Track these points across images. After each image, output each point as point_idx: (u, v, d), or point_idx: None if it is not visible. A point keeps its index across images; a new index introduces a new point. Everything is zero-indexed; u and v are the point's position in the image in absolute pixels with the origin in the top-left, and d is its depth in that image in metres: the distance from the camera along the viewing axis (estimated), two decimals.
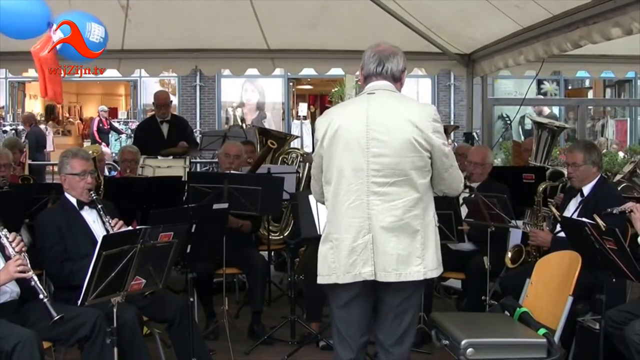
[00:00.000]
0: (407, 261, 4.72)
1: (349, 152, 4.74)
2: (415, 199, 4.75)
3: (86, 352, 5.50)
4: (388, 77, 4.91)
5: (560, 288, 5.74)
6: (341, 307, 4.93)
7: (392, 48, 4.97)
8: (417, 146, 4.71)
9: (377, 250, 4.71)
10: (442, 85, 27.08)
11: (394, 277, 4.73)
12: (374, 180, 4.71)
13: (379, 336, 5.01)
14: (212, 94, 27.23)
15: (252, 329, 7.92)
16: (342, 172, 4.77)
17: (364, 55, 4.98)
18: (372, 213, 4.71)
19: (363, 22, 10.25)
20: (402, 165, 4.71)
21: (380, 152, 4.70)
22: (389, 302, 4.87)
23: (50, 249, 6.16)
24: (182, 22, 10.72)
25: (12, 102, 28.50)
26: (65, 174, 6.36)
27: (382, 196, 4.71)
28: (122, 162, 9.66)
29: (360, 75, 5.06)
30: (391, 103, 4.84)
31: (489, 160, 8.15)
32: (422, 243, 4.77)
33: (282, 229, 9.36)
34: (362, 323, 4.94)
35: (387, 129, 4.72)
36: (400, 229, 4.72)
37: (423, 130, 4.72)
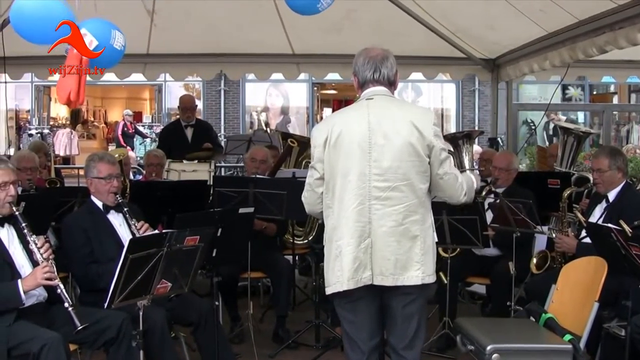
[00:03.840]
0: (405, 266, 4.74)
1: (351, 157, 4.76)
2: (415, 204, 4.77)
3: (112, 354, 5.53)
4: (384, 83, 4.94)
5: (586, 294, 5.71)
6: (344, 309, 4.97)
7: (383, 52, 4.99)
8: (419, 150, 4.74)
9: (375, 254, 4.73)
10: (467, 90, 26.95)
11: (390, 281, 4.75)
12: (376, 185, 4.72)
13: (391, 340, 5.05)
14: (236, 99, 27.24)
15: (277, 333, 7.95)
16: (346, 177, 4.78)
17: (356, 62, 5.00)
18: (372, 217, 4.73)
19: (388, 26, 10.25)
20: (403, 170, 4.73)
21: (382, 156, 4.73)
22: (394, 306, 4.91)
23: (77, 251, 6.20)
24: (207, 27, 10.76)
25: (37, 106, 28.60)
26: (92, 177, 6.40)
27: (383, 201, 4.72)
28: (148, 166, 9.70)
29: (355, 82, 5.06)
30: (391, 108, 4.87)
31: (514, 166, 8.13)
32: (421, 248, 4.78)
33: (307, 233, 9.37)
34: (370, 326, 4.96)
35: (389, 134, 4.74)
36: (401, 234, 4.74)
37: (424, 134, 4.75)
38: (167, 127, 13.93)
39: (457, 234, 7.20)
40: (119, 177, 6.49)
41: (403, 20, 9.89)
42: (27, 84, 26.80)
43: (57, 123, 28.94)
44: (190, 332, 6.40)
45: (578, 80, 25.16)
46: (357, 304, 4.89)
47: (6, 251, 5.45)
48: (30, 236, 5.40)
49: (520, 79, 12.10)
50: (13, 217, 5.48)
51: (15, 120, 28.18)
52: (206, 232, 5.33)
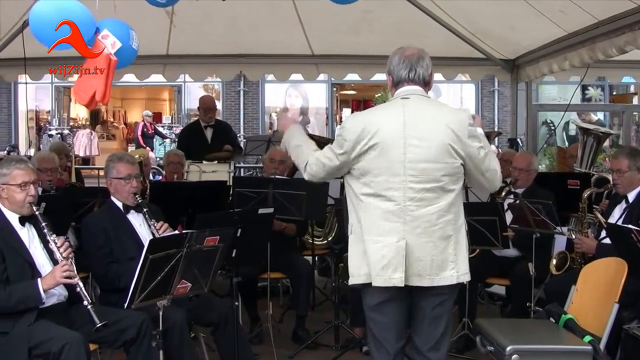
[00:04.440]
0: (441, 266, 4.75)
1: (386, 157, 4.73)
2: (448, 204, 4.77)
3: (132, 354, 5.54)
4: (419, 82, 4.91)
5: (606, 295, 5.69)
6: (372, 309, 4.94)
7: (419, 51, 4.96)
8: (453, 152, 4.72)
9: (410, 256, 4.70)
10: (486, 91, 26.90)
11: (427, 282, 4.75)
12: (411, 186, 4.71)
13: (416, 341, 5.01)
14: (255, 99, 27.28)
15: (296, 334, 7.96)
16: (379, 177, 4.76)
17: (391, 60, 4.97)
18: (407, 218, 4.72)
19: (407, 27, 10.24)
20: (438, 171, 4.72)
21: (418, 157, 4.71)
22: (424, 306, 4.89)
23: (97, 251, 6.23)
24: (227, 28, 10.78)
25: (58, 107, 28.74)
26: (111, 177, 6.44)
27: (418, 202, 4.71)
28: (168, 166, 9.70)
29: (389, 81, 5.04)
30: (427, 108, 4.85)
31: (534, 167, 8.11)
32: (454, 248, 4.79)
33: (326, 233, 9.37)
34: (397, 327, 4.94)
35: (425, 135, 4.72)
36: (434, 235, 4.73)
37: (460, 136, 4.73)
38: (186, 127, 13.96)
39: (477, 234, 7.18)
40: (138, 177, 6.50)
41: (422, 20, 9.88)
42: (47, 85, 26.96)
43: (77, 124, 29.04)
44: (209, 332, 6.42)
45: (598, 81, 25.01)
46: (387, 305, 4.87)
47: (27, 251, 5.47)
48: (50, 236, 5.43)
49: (539, 79, 12.06)
50: (33, 217, 5.51)
51: (35, 121, 28.32)
52: (226, 233, 5.35)
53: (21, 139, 27.31)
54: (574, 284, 6.13)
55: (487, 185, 5.01)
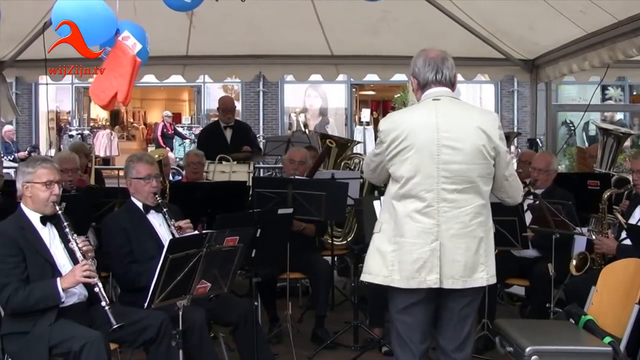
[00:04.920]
0: (473, 268, 4.76)
1: (419, 158, 4.74)
2: (480, 205, 4.79)
3: (152, 354, 5.57)
4: (446, 83, 4.93)
5: (626, 296, 5.68)
6: (400, 311, 4.93)
7: (442, 53, 4.99)
8: (485, 154, 4.74)
9: (444, 257, 4.72)
10: (506, 91, 26.83)
11: (460, 284, 4.76)
12: (444, 187, 4.72)
13: (441, 341, 5.02)
14: (275, 100, 27.31)
15: (316, 334, 7.96)
16: (413, 178, 4.76)
17: (415, 63, 4.98)
18: (441, 220, 4.73)
19: (426, 27, 10.24)
20: (471, 173, 4.73)
21: (451, 159, 4.72)
22: (451, 307, 4.90)
23: (117, 251, 6.27)
24: (246, 28, 10.79)
25: (78, 107, 28.87)
26: (131, 178, 6.48)
27: (451, 203, 4.73)
28: (188, 166, 9.72)
29: (414, 84, 5.05)
30: (458, 110, 4.87)
31: (554, 167, 8.09)
32: (485, 250, 4.81)
33: (346, 234, 9.37)
34: (423, 328, 4.95)
35: (458, 136, 4.73)
36: (468, 236, 4.75)
37: (491, 137, 4.76)
38: (206, 128, 14.00)
39: (496, 235, 7.10)
40: (158, 177, 6.53)
41: (441, 21, 9.87)
42: (67, 86, 27.07)
43: (97, 124, 29.16)
44: (229, 332, 6.44)
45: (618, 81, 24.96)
46: (415, 306, 4.87)
47: (47, 251, 5.50)
48: (72, 235, 5.46)
49: (559, 79, 12.01)
50: (56, 217, 5.54)
51: (55, 122, 28.44)
52: (245, 233, 5.37)
53: (42, 140, 27.45)
54: (593, 284, 6.12)
55: (508, 193, 5.03)
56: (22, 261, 5.32)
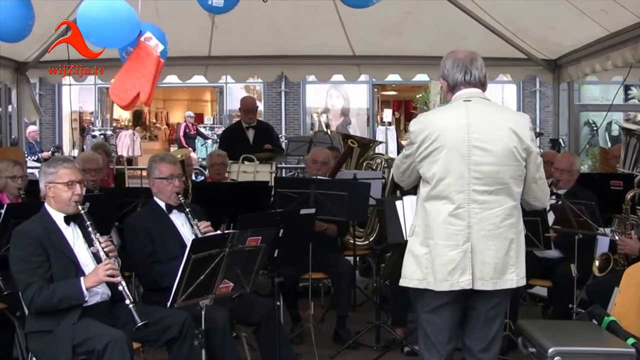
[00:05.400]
0: (503, 270, 4.76)
1: (450, 159, 4.74)
2: (511, 207, 4.79)
3: (174, 353, 5.59)
4: (476, 84, 4.92)
5: None
6: (430, 312, 4.94)
7: (471, 53, 4.98)
8: (517, 155, 4.74)
9: (475, 259, 4.72)
10: (528, 91, 26.72)
11: (490, 285, 4.76)
12: (475, 188, 4.72)
13: (467, 342, 5.03)
14: (297, 100, 27.31)
15: (338, 334, 7.97)
16: (444, 179, 4.77)
17: (444, 65, 4.99)
18: (472, 221, 4.73)
19: (448, 28, 10.23)
20: (502, 174, 4.73)
21: (482, 160, 4.72)
22: (479, 308, 4.91)
23: (140, 251, 6.31)
24: (268, 29, 10.81)
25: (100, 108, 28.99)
26: (154, 178, 6.51)
27: (482, 204, 4.73)
28: (212, 167, 9.75)
29: (444, 85, 5.05)
30: (490, 111, 4.87)
31: (576, 167, 8.07)
32: (516, 252, 4.81)
33: (368, 234, 9.37)
34: (451, 329, 4.95)
35: (489, 138, 4.73)
36: (498, 238, 4.75)
37: (523, 139, 4.76)
38: (228, 128, 14.04)
39: None
40: (180, 177, 6.55)
41: (463, 21, 9.85)
42: (90, 86, 27.18)
43: (119, 125, 29.27)
44: (251, 331, 6.44)
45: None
46: (445, 306, 4.88)
47: (71, 250, 5.53)
48: (95, 235, 5.49)
49: (582, 79, 11.96)
50: (79, 216, 5.57)
51: (78, 122, 28.57)
52: (268, 233, 5.38)
53: (65, 140, 27.58)
54: (616, 285, 6.09)
55: (535, 196, 5.02)
56: (46, 260, 5.36)
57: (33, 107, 12.41)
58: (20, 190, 7.44)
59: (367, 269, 10.52)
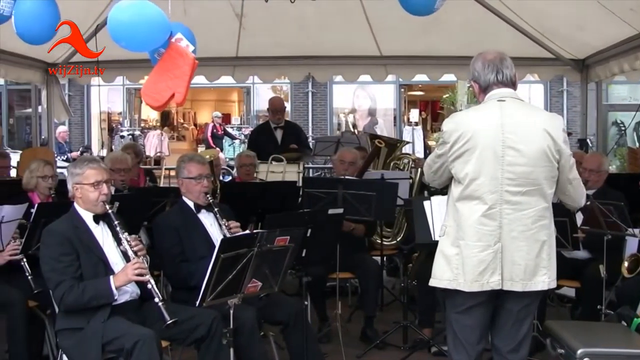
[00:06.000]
0: (534, 271, 4.75)
1: (484, 159, 4.74)
2: (544, 208, 4.78)
3: (202, 352, 5.62)
4: (508, 84, 4.92)
5: None
6: (460, 312, 4.94)
7: (499, 54, 4.98)
8: (550, 156, 4.73)
9: (505, 259, 4.72)
10: (555, 91, 26.62)
11: (520, 286, 4.75)
12: (508, 189, 4.72)
13: (497, 342, 5.02)
14: (324, 100, 27.35)
15: (365, 333, 7.97)
16: (476, 179, 4.77)
17: (474, 67, 4.98)
18: (503, 222, 4.73)
19: (475, 28, 10.21)
20: (536, 175, 4.73)
21: (516, 161, 4.71)
22: (509, 308, 4.90)
23: (168, 250, 6.34)
24: (295, 30, 10.84)
25: (129, 108, 29.15)
26: (182, 177, 6.54)
27: (514, 205, 4.72)
28: (240, 167, 9.77)
29: (476, 88, 5.04)
30: (524, 112, 4.86)
31: (605, 168, 8.03)
32: (548, 253, 4.80)
33: (395, 234, 9.37)
34: (480, 329, 4.96)
35: (523, 138, 4.73)
36: (530, 239, 4.74)
37: (556, 140, 4.75)
38: (257, 128, 14.07)
39: None
40: (209, 177, 6.59)
41: (490, 21, 9.83)
42: (118, 87, 27.34)
43: (147, 125, 29.43)
44: (279, 331, 6.46)
45: None
46: (476, 307, 4.89)
47: (100, 249, 5.57)
48: (123, 234, 5.52)
49: (610, 79, 11.91)
50: (107, 216, 5.61)
51: (107, 122, 28.75)
52: (296, 233, 5.39)
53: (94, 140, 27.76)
54: None
55: (570, 197, 5.02)
56: (75, 259, 5.40)
57: (63, 108, 12.51)
58: (50, 190, 7.51)
59: (394, 269, 10.51)
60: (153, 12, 5.68)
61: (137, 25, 5.63)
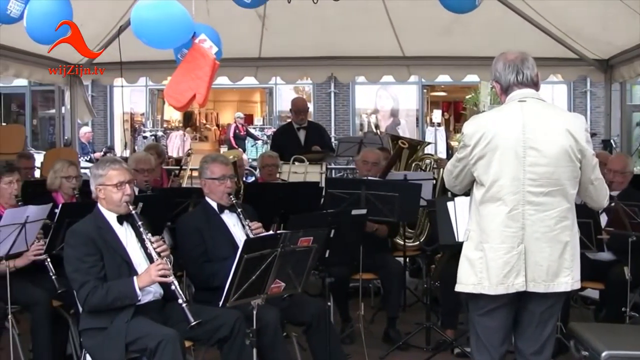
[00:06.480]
0: (556, 272, 4.72)
1: (505, 161, 4.72)
2: (566, 209, 4.74)
3: (225, 352, 5.63)
4: (529, 84, 4.88)
5: None
6: (483, 314, 4.92)
7: (521, 54, 4.94)
8: (572, 156, 4.70)
9: (528, 260, 4.69)
10: (578, 92, 26.53)
11: (542, 287, 4.72)
12: (530, 190, 4.69)
13: (520, 344, 5.00)
14: (346, 101, 27.35)
15: (388, 334, 7.96)
16: (498, 181, 4.74)
17: (496, 67, 4.96)
18: (526, 223, 4.70)
19: (498, 28, 10.17)
20: (558, 175, 4.69)
21: (537, 161, 4.68)
22: (532, 310, 4.87)
23: (191, 251, 6.36)
24: (318, 30, 10.85)
25: (151, 109, 29.26)
26: (205, 178, 6.55)
27: (536, 206, 4.69)
28: (263, 168, 9.77)
29: (497, 87, 5.03)
30: (545, 112, 4.83)
31: (630, 169, 7.98)
32: (571, 254, 4.76)
33: (418, 235, 9.35)
34: (504, 331, 4.93)
35: (545, 139, 4.70)
36: (552, 240, 4.71)
37: (579, 140, 4.71)
38: (280, 129, 14.07)
39: None
40: (232, 177, 6.59)
41: (514, 21, 9.81)
42: (141, 88, 27.45)
43: (170, 126, 29.52)
44: (302, 331, 6.46)
45: None
46: (499, 309, 4.86)
47: (124, 249, 5.59)
48: (147, 235, 5.54)
49: (634, 79, 11.85)
50: (130, 216, 5.63)
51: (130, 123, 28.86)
52: (319, 233, 5.37)
53: (117, 141, 27.88)
54: None
55: (592, 197, 4.98)
56: (99, 260, 5.42)
57: (86, 109, 12.57)
58: (74, 190, 7.54)
59: (417, 270, 10.49)
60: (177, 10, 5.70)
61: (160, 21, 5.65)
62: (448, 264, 7.19)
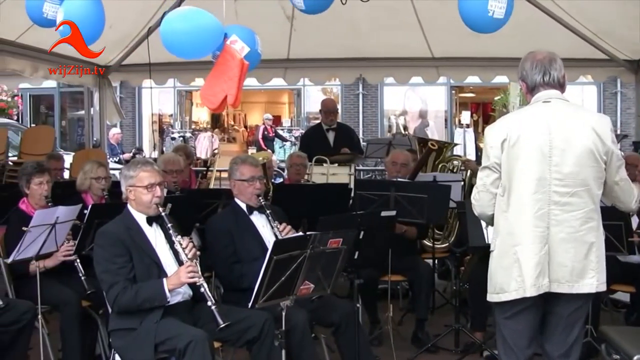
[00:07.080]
0: (581, 274, 4.68)
1: (531, 161, 4.70)
2: (592, 210, 4.71)
3: (254, 353, 5.63)
4: (555, 85, 4.87)
5: None
6: (509, 317, 4.90)
7: (550, 54, 4.92)
8: (597, 156, 4.67)
9: (552, 261, 4.67)
10: (608, 93, 26.39)
11: (566, 288, 4.69)
12: (556, 190, 4.66)
13: (547, 347, 4.97)
14: (374, 102, 27.35)
15: (416, 336, 7.93)
16: (525, 182, 4.72)
17: (523, 66, 4.94)
18: (551, 223, 4.67)
19: (528, 28, 10.10)
20: (583, 175, 4.67)
21: (563, 161, 4.66)
22: (559, 312, 4.84)
23: (220, 252, 6.36)
24: (347, 31, 10.83)
25: (180, 110, 29.37)
26: (235, 179, 6.55)
27: (562, 206, 4.66)
28: (291, 167, 9.76)
29: (524, 87, 5.01)
30: (570, 112, 4.80)
31: None
32: (597, 256, 4.73)
33: (446, 236, 9.32)
34: (530, 334, 4.90)
35: (570, 139, 4.67)
36: (577, 241, 4.68)
37: (604, 140, 4.68)
38: (309, 130, 14.06)
39: None
40: (261, 179, 6.58)
41: (543, 21, 9.76)
42: (170, 89, 27.55)
43: (198, 127, 29.63)
44: (330, 333, 6.45)
45: None
46: (524, 312, 4.84)
47: (153, 251, 5.60)
48: (176, 236, 5.55)
49: None
50: (160, 218, 5.64)
51: (158, 124, 28.98)
52: (349, 235, 5.36)
53: (145, 142, 28.00)
54: None
55: (618, 198, 4.94)
56: (129, 261, 5.44)
57: (115, 110, 12.63)
58: (104, 191, 7.57)
59: (446, 272, 10.45)
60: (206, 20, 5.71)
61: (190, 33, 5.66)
62: (477, 265, 7.16)
